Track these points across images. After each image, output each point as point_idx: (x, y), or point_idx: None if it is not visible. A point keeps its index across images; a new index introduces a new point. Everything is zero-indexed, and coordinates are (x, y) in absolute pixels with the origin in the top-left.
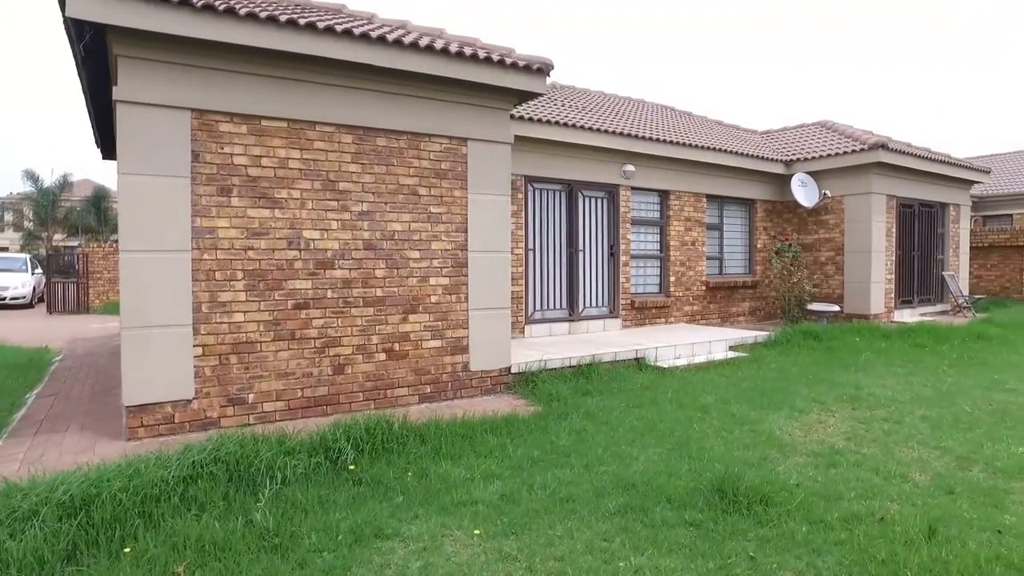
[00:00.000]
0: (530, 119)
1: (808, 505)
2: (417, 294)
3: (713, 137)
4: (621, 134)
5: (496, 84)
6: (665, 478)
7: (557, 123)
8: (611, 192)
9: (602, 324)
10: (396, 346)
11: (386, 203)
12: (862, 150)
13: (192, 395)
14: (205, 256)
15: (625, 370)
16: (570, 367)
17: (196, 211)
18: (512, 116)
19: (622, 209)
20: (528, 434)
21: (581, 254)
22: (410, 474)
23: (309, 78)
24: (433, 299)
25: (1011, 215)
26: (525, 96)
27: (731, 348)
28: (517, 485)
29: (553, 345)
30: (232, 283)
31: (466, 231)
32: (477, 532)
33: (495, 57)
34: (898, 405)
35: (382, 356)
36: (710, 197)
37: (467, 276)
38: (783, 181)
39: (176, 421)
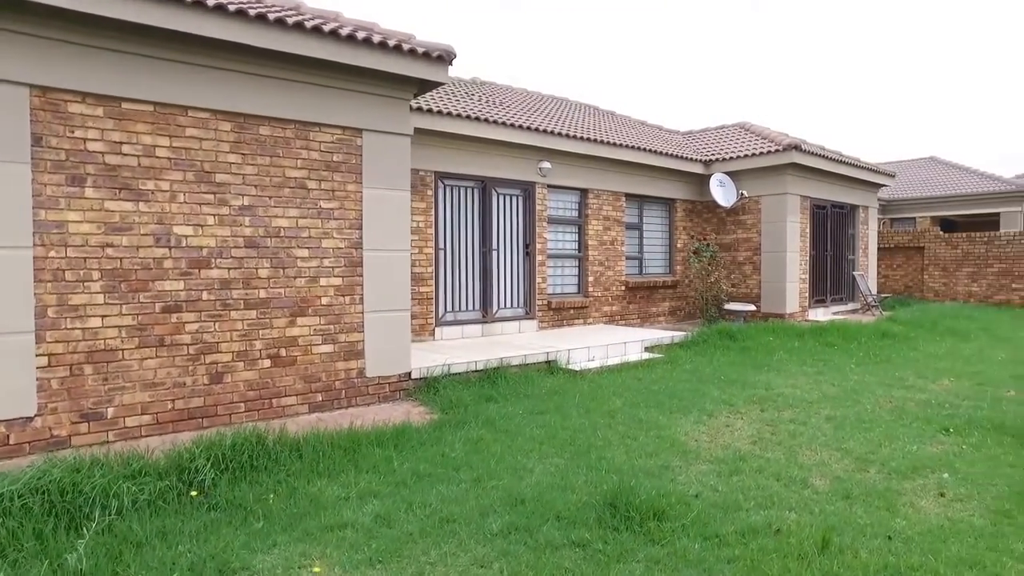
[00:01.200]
0: (439, 112)
1: (705, 518)
2: (306, 296)
3: (635, 136)
4: (537, 130)
5: (393, 72)
6: (558, 492)
7: (469, 117)
8: (527, 190)
9: (517, 326)
10: (283, 352)
11: (271, 197)
12: (777, 151)
13: (34, 411)
14: (52, 254)
15: (535, 374)
16: (476, 371)
17: (40, 203)
18: (421, 109)
19: (538, 207)
20: (419, 446)
21: (495, 253)
22: (273, 496)
23: (181, 58)
24: (324, 301)
25: (914, 218)
26: (426, 86)
27: (647, 349)
28: (396, 504)
29: (462, 348)
30: (87, 284)
31: (361, 228)
32: (340, 562)
33: (391, 43)
34: (805, 405)
35: (267, 363)
36: (630, 196)
37: (362, 276)
38: (703, 181)
39: (11, 443)
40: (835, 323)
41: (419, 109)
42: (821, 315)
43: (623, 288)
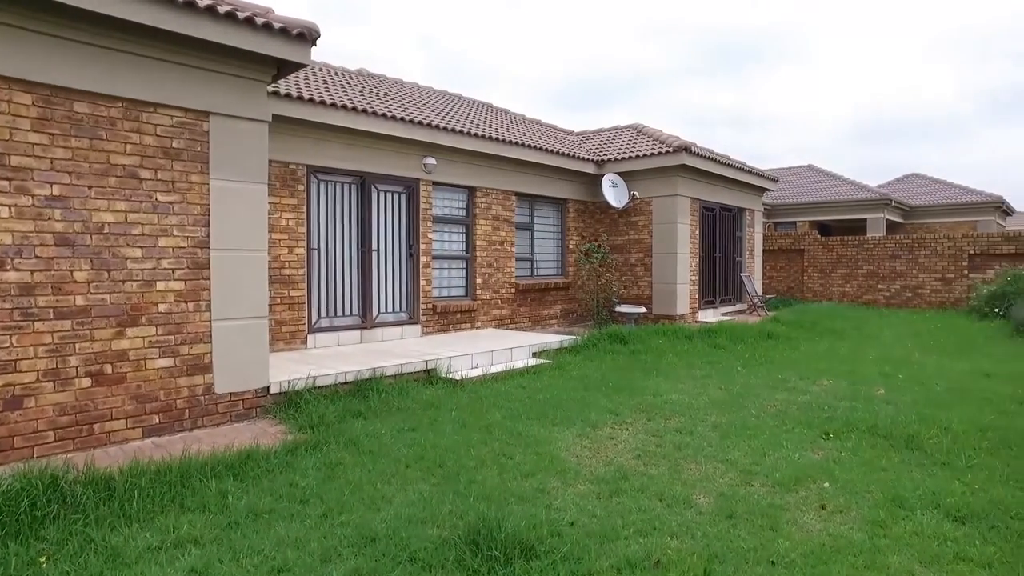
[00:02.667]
0: (312, 100)
1: (579, 551)
2: (138, 302)
3: (527, 135)
4: (421, 124)
5: (245, 48)
6: (417, 527)
7: (346, 107)
8: (411, 187)
9: (400, 331)
10: (108, 368)
11: (91, 187)
12: (668, 152)
13: None
14: None
15: (412, 384)
16: (345, 383)
17: None
18: (291, 96)
19: (423, 205)
20: (266, 474)
21: (376, 254)
22: (44, 560)
23: None
24: (162, 308)
25: (795, 222)
26: (287, 67)
27: (535, 355)
28: (220, 553)
29: (336, 357)
30: None
31: (208, 225)
32: None
33: (241, 14)
34: (692, 412)
35: (86, 382)
36: (520, 195)
37: (210, 280)
38: (595, 181)
39: None
40: (723, 324)
41: (287, 96)
42: (711, 316)
43: (513, 291)
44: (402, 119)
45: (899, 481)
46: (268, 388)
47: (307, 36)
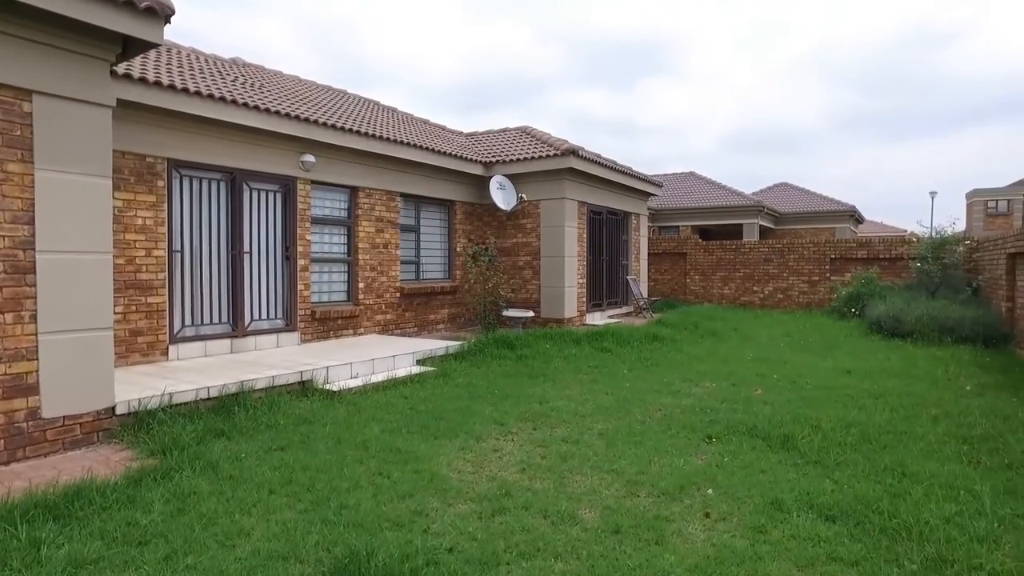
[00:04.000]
0: (173, 87)
1: None
2: None
3: (414, 134)
4: (299, 118)
5: (81, 19)
6: (277, 564)
7: (212, 96)
8: (287, 185)
9: (275, 339)
10: None
11: None
12: (556, 155)
13: None
14: None
15: (285, 397)
16: (208, 399)
17: None
18: (146, 81)
19: (300, 206)
20: (99, 512)
21: (248, 257)
22: None
23: None
24: None
25: (678, 226)
26: (136, 46)
27: (419, 362)
28: None
29: (200, 370)
30: None
31: (32, 223)
32: None
33: None
34: (579, 420)
35: None
36: (406, 196)
37: (35, 287)
38: (483, 183)
39: None
40: (610, 327)
41: (143, 79)
42: (598, 319)
43: (398, 295)
44: (277, 112)
45: (777, 483)
46: (114, 408)
47: (158, 11)
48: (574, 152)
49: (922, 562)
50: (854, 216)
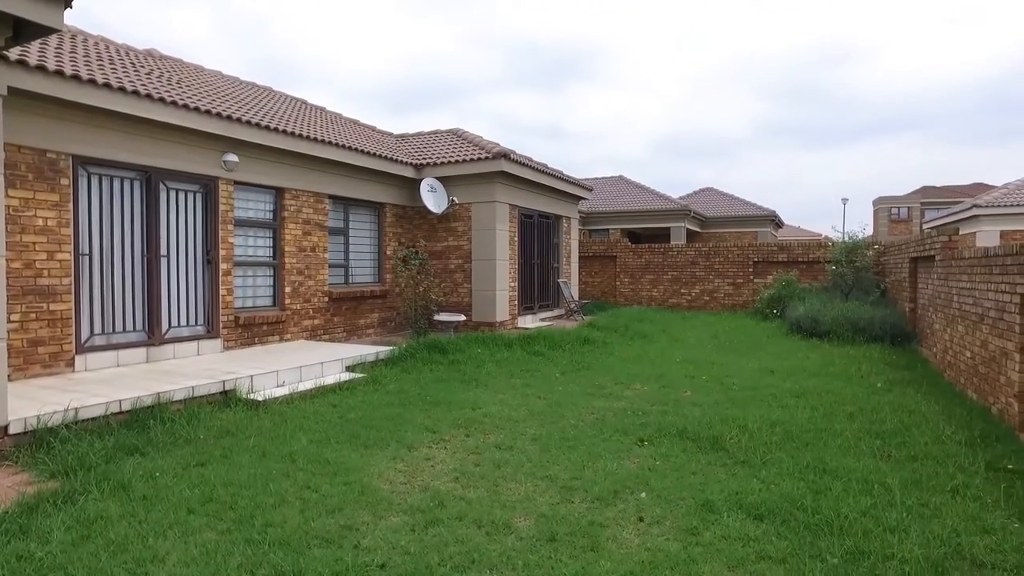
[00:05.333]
0: (77, 78)
1: None
2: None
3: (343, 134)
4: (220, 115)
5: None
6: None
7: (124, 89)
8: (208, 186)
9: (196, 347)
10: None
11: None
12: (487, 158)
13: None
14: None
15: (206, 409)
16: (120, 413)
17: None
18: (46, 69)
19: (223, 207)
20: None
21: (166, 260)
22: None
23: None
24: None
25: (608, 230)
26: (29, 30)
27: (348, 368)
28: None
29: (111, 382)
30: None
31: None
32: None
33: None
34: (512, 425)
35: None
36: (335, 198)
37: None
38: (414, 186)
39: None
40: (542, 330)
41: (41, 68)
42: (530, 322)
43: (326, 299)
44: (197, 109)
45: (707, 484)
46: (7, 428)
47: None
48: (506, 155)
49: (842, 555)
50: (775, 221)
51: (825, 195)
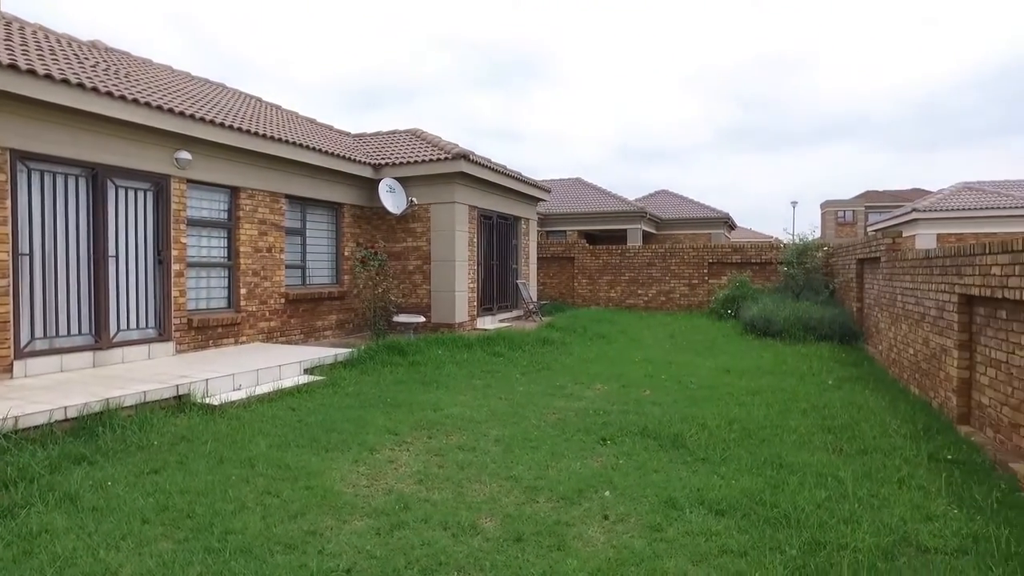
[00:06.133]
0: (11, 66)
1: None
2: None
3: (300, 133)
4: (172, 111)
5: None
6: None
7: (68, 82)
8: (160, 184)
9: (147, 350)
10: None
11: None
12: (447, 159)
13: None
14: None
15: (159, 414)
16: (66, 420)
17: None
18: None
19: (175, 206)
20: None
21: (114, 261)
22: None
23: None
24: None
25: (565, 231)
26: None
27: (307, 371)
28: None
29: (56, 388)
30: None
31: None
32: None
33: None
34: (474, 427)
35: None
36: (292, 198)
37: None
38: (372, 186)
39: None
40: (502, 331)
41: None
42: (489, 323)
43: (283, 301)
44: (148, 104)
45: (670, 482)
46: None
47: None
48: (465, 156)
49: (800, 547)
50: (728, 223)
51: (776, 198)
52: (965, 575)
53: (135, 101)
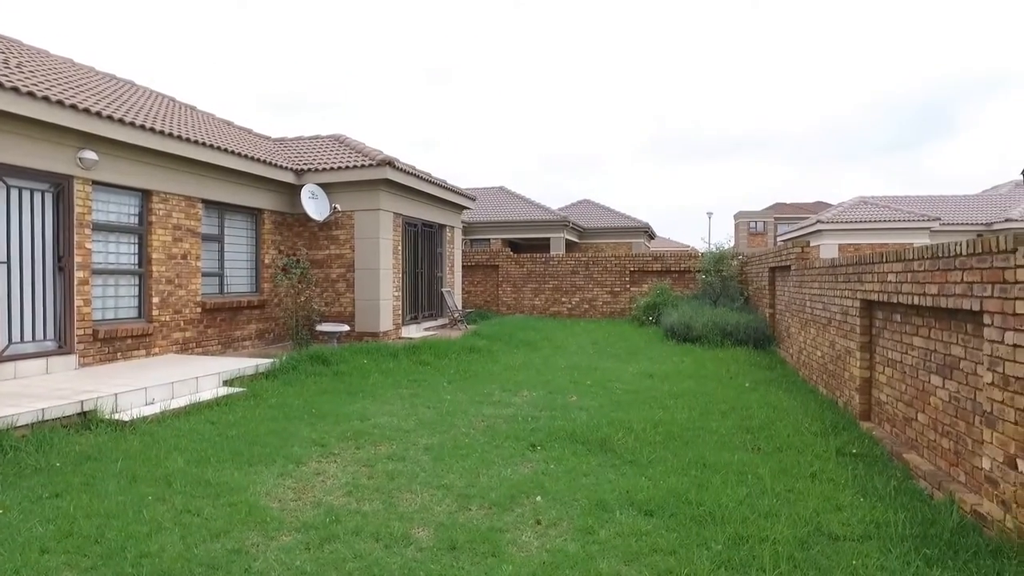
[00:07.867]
0: None
1: None
2: None
3: (217, 136)
4: (76, 107)
5: None
6: None
7: None
8: (61, 185)
9: (44, 364)
10: None
11: None
12: (371, 165)
13: None
14: None
15: (61, 433)
16: None
17: None
18: None
19: (79, 209)
20: None
21: (5, 268)
22: None
23: None
24: None
25: (490, 239)
26: None
27: (226, 383)
28: None
29: None
30: None
31: None
32: None
33: None
34: (403, 436)
35: None
36: (208, 203)
37: None
38: (294, 192)
39: None
40: (427, 340)
41: None
42: (414, 332)
43: (199, 310)
44: (46, 98)
45: (599, 485)
46: None
47: None
48: (390, 163)
49: (725, 542)
50: (648, 232)
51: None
52: (869, 558)
53: (30, 94)
